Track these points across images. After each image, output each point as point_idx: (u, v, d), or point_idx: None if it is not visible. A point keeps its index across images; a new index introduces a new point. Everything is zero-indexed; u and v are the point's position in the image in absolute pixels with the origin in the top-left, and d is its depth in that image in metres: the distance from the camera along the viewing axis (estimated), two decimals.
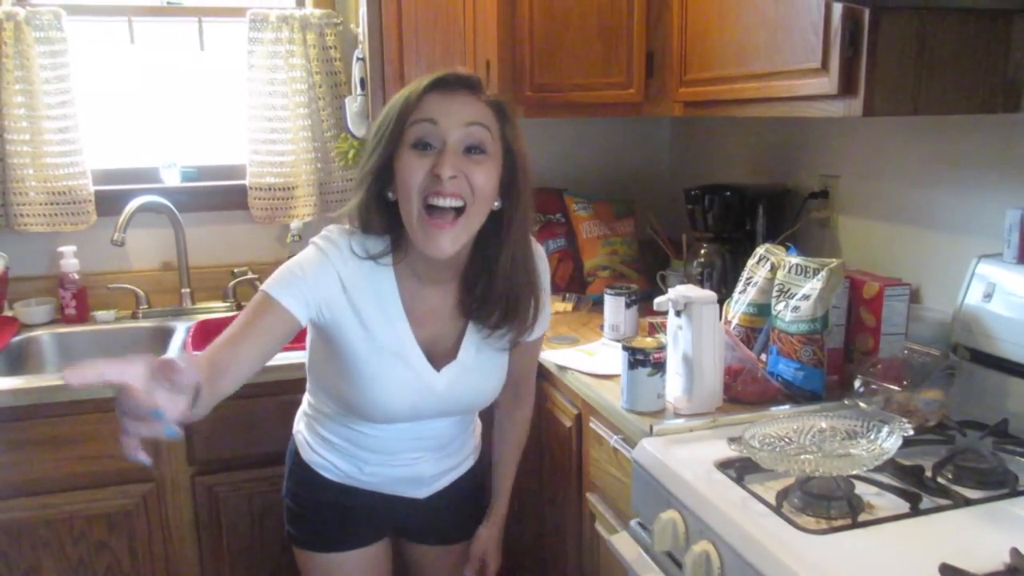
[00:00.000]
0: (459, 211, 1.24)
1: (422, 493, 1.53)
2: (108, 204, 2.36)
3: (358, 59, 2.34)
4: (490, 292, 1.35)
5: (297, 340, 2.19)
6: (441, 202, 1.22)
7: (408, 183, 1.23)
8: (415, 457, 1.48)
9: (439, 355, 1.39)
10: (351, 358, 1.34)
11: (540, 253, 1.46)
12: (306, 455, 1.52)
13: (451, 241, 1.24)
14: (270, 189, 2.46)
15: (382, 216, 1.30)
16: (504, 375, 1.49)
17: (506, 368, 1.49)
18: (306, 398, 1.55)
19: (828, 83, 1.43)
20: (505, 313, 1.36)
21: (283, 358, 1.98)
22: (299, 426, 1.58)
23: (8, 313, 2.33)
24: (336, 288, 1.30)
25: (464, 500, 1.62)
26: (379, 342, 1.33)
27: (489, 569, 1.63)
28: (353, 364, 1.34)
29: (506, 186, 1.30)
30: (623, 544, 1.44)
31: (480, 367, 1.43)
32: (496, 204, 1.29)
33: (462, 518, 1.64)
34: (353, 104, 2.37)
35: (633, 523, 1.45)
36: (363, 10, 2.20)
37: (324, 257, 1.30)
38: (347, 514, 1.52)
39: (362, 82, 2.33)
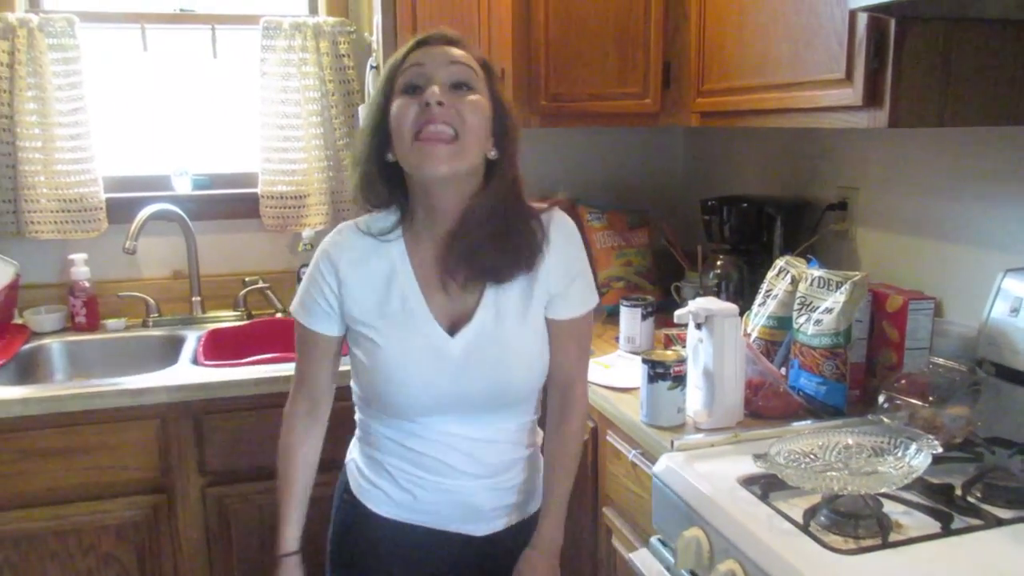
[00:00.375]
0: (453, 138, 1.22)
1: (479, 530, 1.39)
2: (119, 212, 2.35)
3: (371, 67, 2.33)
4: (468, 231, 1.29)
5: None
6: (432, 128, 1.20)
7: (401, 122, 1.22)
8: (469, 481, 1.35)
9: (455, 321, 1.31)
10: (368, 340, 1.30)
11: (566, 227, 1.37)
12: (357, 487, 1.41)
13: (446, 159, 1.21)
14: (282, 197, 2.45)
15: (385, 183, 1.30)
16: (538, 355, 1.35)
17: (540, 347, 1.35)
18: (356, 417, 1.45)
19: (852, 94, 1.42)
20: (500, 255, 1.29)
21: (291, 369, 1.97)
22: (352, 454, 1.46)
23: (18, 321, 2.32)
24: (337, 284, 1.32)
25: (515, 554, 1.40)
26: (389, 313, 1.30)
27: None
28: (371, 346, 1.30)
29: (499, 137, 1.29)
30: (644, 561, 1.41)
31: (502, 336, 1.31)
32: (492, 153, 1.28)
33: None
34: None
35: (654, 540, 1.43)
36: (377, 18, 2.19)
37: (326, 259, 1.33)
38: (397, 556, 1.40)
39: None
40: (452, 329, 1.30)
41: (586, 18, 2.13)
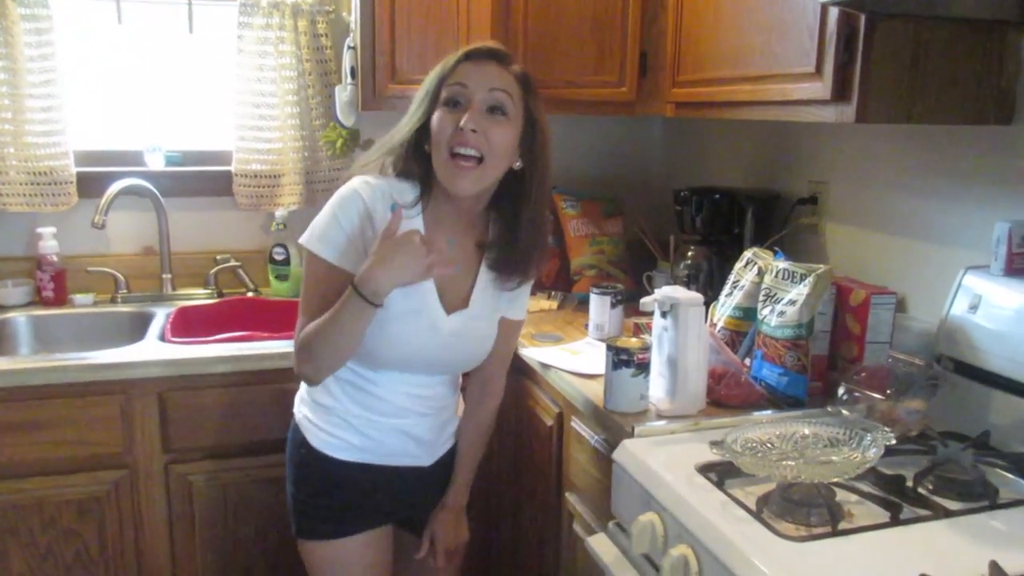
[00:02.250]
0: (479, 161, 1.39)
1: (427, 460, 1.60)
2: (90, 186, 2.32)
3: (349, 48, 2.32)
4: (514, 244, 1.49)
5: (276, 329, 2.16)
6: (463, 151, 1.38)
7: (439, 135, 1.40)
8: (418, 419, 1.55)
9: (451, 301, 1.49)
10: None
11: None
12: (315, 439, 1.53)
13: (472, 182, 1.40)
14: (256, 176, 2.43)
15: (418, 165, 1.46)
16: (493, 339, 1.57)
17: (495, 332, 1.57)
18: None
19: (822, 88, 1.43)
20: (521, 261, 1.51)
21: (263, 347, 1.97)
22: (302, 411, 1.58)
23: None
24: (369, 230, 1.42)
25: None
26: None
27: (439, 551, 1.66)
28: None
29: (527, 149, 1.45)
30: (601, 545, 1.42)
31: (482, 324, 1.54)
32: (517, 164, 1.46)
33: None
34: (343, 93, 2.34)
35: (611, 525, 1.44)
36: None
37: (361, 203, 1.43)
38: (361, 491, 1.55)
39: (352, 71, 2.30)
40: (447, 307, 1.49)
41: (564, 5, 2.13)
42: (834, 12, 1.38)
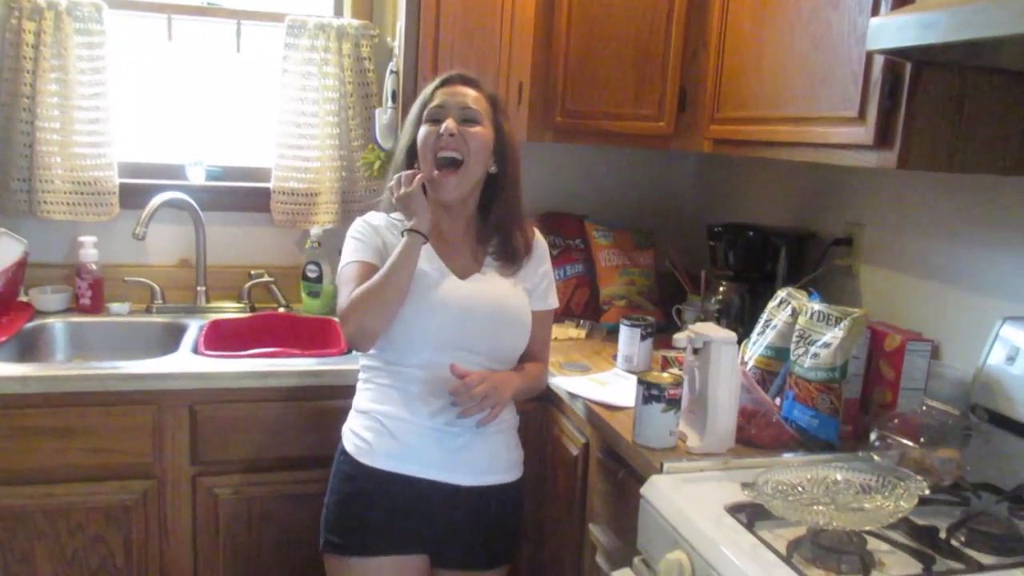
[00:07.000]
0: (459, 164, 1.59)
1: (465, 479, 1.59)
2: (131, 197, 2.37)
3: (391, 72, 2.35)
4: (501, 232, 1.69)
5: (307, 346, 2.18)
6: (445, 153, 1.59)
7: (424, 144, 1.62)
8: (454, 427, 1.57)
9: (465, 277, 1.65)
10: None
11: (543, 243, 1.78)
12: (352, 448, 1.60)
13: (455, 186, 1.60)
14: (293, 194, 2.47)
15: None
16: (525, 312, 1.68)
17: (527, 308, 1.68)
18: (359, 380, 1.69)
19: (864, 133, 1.43)
20: (510, 244, 1.69)
21: (294, 364, 1.99)
22: (347, 423, 1.67)
23: (24, 299, 2.33)
24: (381, 242, 1.65)
25: (500, 515, 1.65)
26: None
27: (472, 388, 1.51)
28: None
29: (499, 156, 1.65)
30: None
31: (501, 287, 1.66)
32: (492, 168, 1.65)
33: (493, 537, 1.66)
34: (383, 116, 2.38)
35: (637, 560, 1.44)
36: (400, 24, 2.21)
37: (367, 225, 1.69)
38: (390, 506, 1.57)
39: (393, 95, 2.33)
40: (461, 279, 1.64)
41: (607, 38, 2.15)
42: (879, 59, 1.39)
